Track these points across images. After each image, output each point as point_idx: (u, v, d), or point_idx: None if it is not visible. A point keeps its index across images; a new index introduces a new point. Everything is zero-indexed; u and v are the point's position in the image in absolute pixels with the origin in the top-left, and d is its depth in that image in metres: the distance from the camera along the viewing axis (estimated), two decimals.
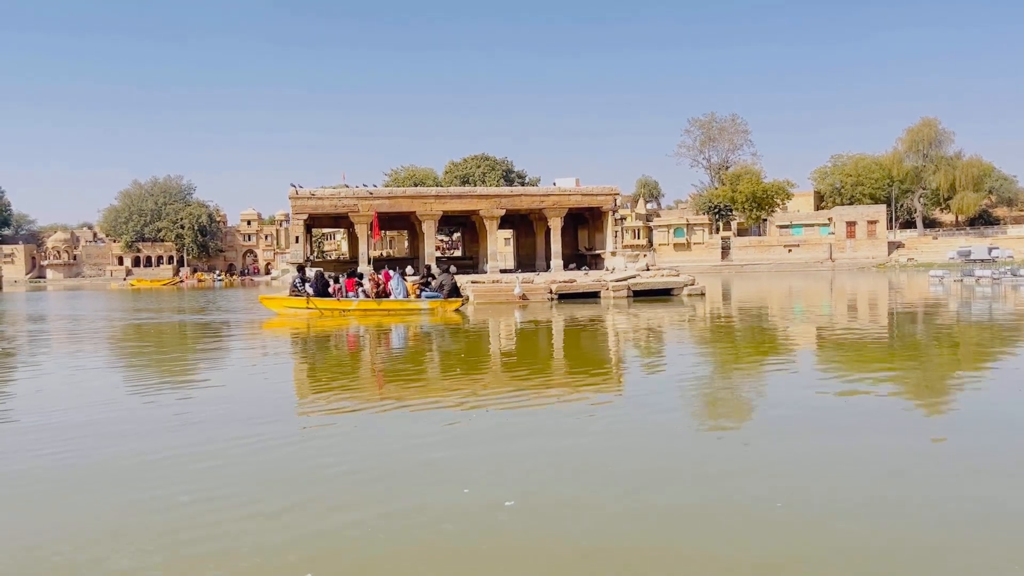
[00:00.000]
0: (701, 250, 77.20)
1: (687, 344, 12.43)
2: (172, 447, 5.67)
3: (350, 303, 19.72)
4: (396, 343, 13.83)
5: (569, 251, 31.20)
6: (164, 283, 77.87)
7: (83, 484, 4.87)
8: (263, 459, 5.35)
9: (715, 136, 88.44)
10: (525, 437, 5.86)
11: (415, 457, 5.32)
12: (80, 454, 5.57)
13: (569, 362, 10.75)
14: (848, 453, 5.23)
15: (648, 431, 6.04)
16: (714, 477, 4.73)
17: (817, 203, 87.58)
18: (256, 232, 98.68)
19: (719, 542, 3.74)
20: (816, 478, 4.68)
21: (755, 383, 8.15)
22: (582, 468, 4.95)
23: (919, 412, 6.89)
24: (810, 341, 12.81)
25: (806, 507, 4.21)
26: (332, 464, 5.13)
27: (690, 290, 23.99)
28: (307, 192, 27.21)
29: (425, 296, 20.26)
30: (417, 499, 4.36)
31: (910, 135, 79.77)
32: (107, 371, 9.70)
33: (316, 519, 4.06)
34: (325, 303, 19.62)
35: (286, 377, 9.38)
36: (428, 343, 13.46)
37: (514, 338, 14.18)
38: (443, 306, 19.73)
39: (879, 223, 74.80)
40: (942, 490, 4.53)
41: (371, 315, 19.03)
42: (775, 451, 5.40)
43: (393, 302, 20.05)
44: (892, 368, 9.45)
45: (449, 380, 8.96)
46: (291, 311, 19.66)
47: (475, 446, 5.62)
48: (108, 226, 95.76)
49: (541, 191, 29.47)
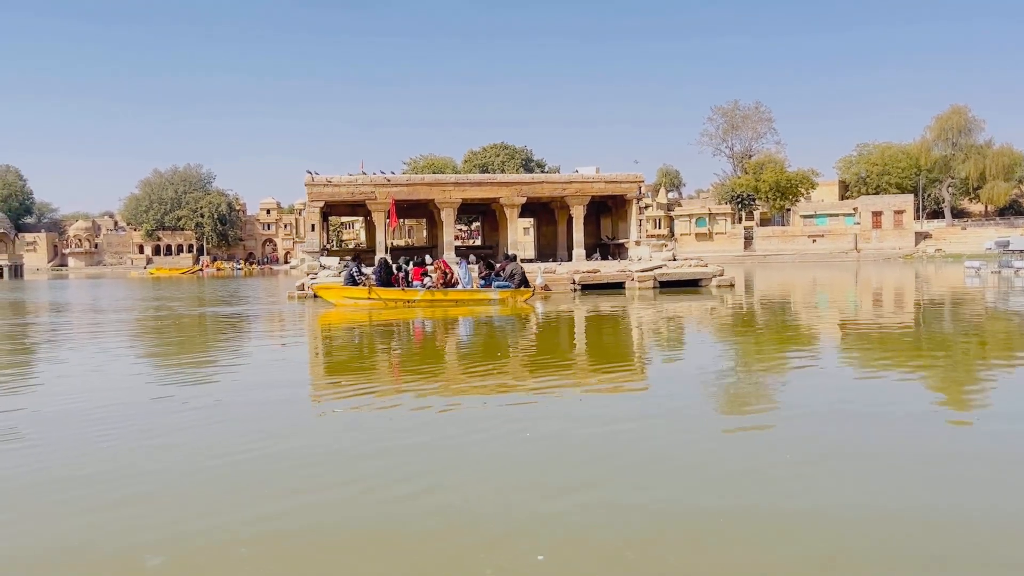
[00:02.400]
0: (723, 240, 76.18)
1: (746, 339, 11.67)
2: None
3: (416, 293, 18.35)
4: (503, 337, 12.61)
5: (591, 240, 30.46)
6: (183, 271, 78.00)
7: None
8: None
9: (738, 124, 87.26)
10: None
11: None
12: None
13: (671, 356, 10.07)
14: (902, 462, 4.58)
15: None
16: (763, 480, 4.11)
17: (842, 193, 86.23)
18: (275, 221, 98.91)
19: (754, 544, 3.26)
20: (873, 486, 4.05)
21: (823, 394, 7.45)
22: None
23: (966, 412, 6.18)
24: (853, 335, 12.05)
25: (850, 510, 3.72)
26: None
27: (719, 281, 23.20)
28: (323, 179, 26.66)
29: (496, 286, 18.96)
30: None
31: (939, 123, 78.12)
32: (180, 374, 8.94)
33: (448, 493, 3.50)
34: (389, 293, 18.35)
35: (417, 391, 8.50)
36: (529, 338, 12.34)
37: (604, 331, 13.25)
38: (514, 296, 18.57)
39: (906, 213, 73.43)
40: (972, 491, 3.99)
41: (438, 306, 17.84)
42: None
43: (462, 292, 18.78)
44: (943, 366, 8.70)
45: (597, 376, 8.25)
46: (350, 301, 18.38)
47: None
48: (129, 214, 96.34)
49: (563, 178, 28.70)
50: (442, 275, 19.17)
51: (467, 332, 13.46)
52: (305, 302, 20.88)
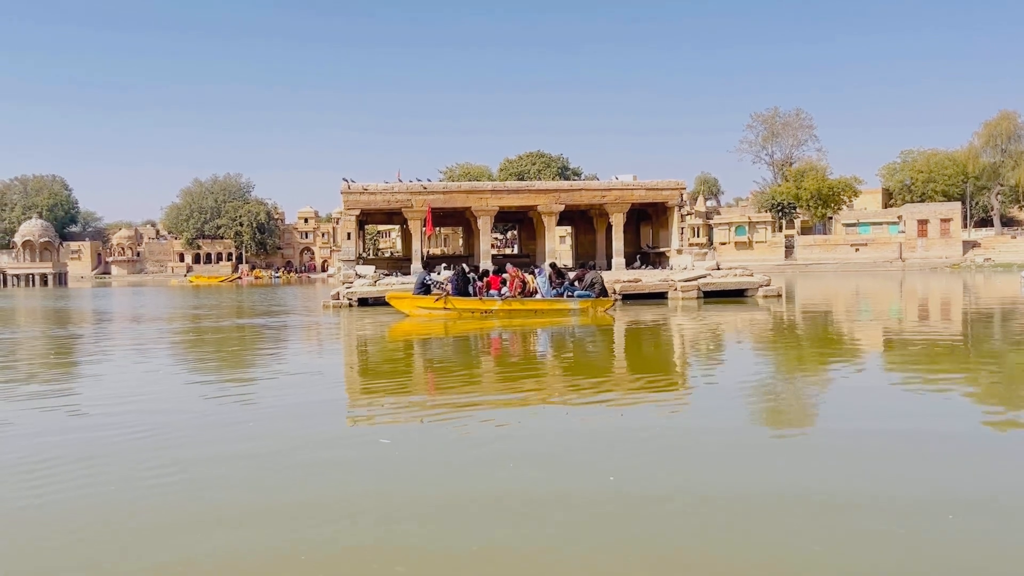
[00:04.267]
0: (764, 249, 74.73)
1: (825, 355, 10.99)
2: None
3: (494, 302, 17.58)
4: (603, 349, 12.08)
5: (631, 249, 29.83)
6: (221, 280, 78.75)
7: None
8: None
9: (778, 131, 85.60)
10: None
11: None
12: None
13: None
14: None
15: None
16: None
17: (885, 201, 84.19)
18: (313, 230, 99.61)
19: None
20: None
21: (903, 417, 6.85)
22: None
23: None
24: (909, 348, 11.33)
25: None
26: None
27: (765, 291, 22.38)
28: (359, 187, 26.45)
29: (577, 295, 18.10)
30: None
31: (987, 129, 75.94)
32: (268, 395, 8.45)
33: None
34: (465, 303, 17.61)
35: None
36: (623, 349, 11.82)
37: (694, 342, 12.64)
38: (594, 306, 17.74)
39: (953, 221, 71.36)
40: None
41: (516, 316, 17.08)
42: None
43: (541, 301, 17.94)
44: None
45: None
46: (424, 312, 17.67)
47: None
48: (170, 223, 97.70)
49: (602, 185, 28.12)
50: (520, 284, 18.35)
51: (568, 348, 12.47)
52: (340, 312, 20.55)
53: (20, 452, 5.46)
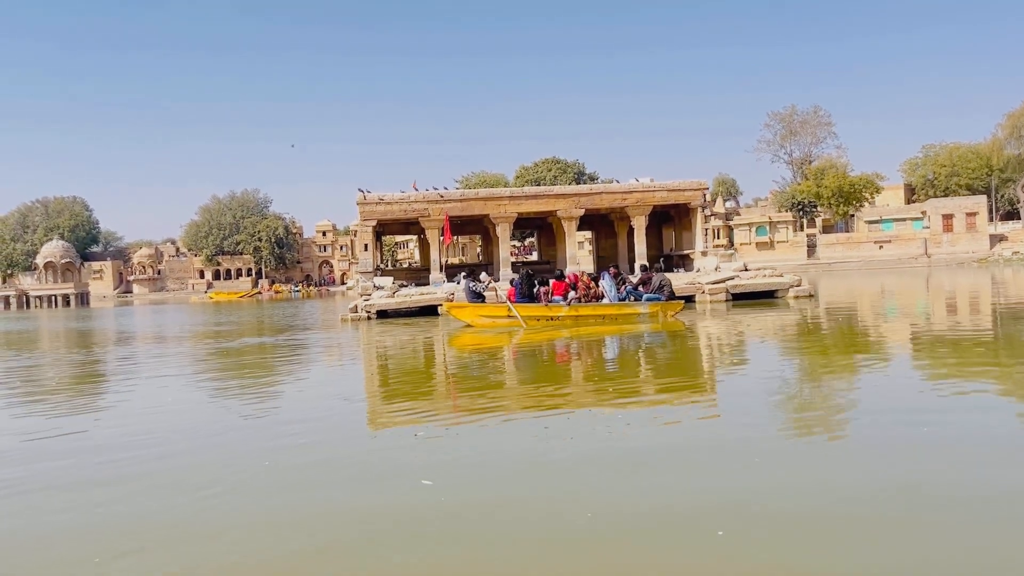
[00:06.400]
0: (785, 248, 73.68)
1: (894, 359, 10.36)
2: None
3: (560, 308, 16.66)
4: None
5: (653, 252, 29.24)
6: (241, 295, 78.88)
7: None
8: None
9: (796, 130, 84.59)
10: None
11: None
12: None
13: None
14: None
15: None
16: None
17: (908, 196, 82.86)
18: (331, 243, 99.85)
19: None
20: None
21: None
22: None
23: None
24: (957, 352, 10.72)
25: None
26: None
27: (796, 291, 21.65)
28: (375, 197, 26.11)
29: (646, 299, 17.13)
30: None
31: (1011, 120, 74.62)
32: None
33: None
34: (530, 309, 16.68)
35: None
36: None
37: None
38: (664, 310, 16.86)
39: (979, 215, 69.99)
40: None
41: (583, 323, 16.27)
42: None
43: (609, 307, 17.00)
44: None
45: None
46: (488, 321, 16.74)
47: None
48: (189, 241, 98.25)
49: (623, 188, 27.54)
50: (585, 288, 17.50)
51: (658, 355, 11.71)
52: (359, 326, 20.06)
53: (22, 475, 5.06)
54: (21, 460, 5.92)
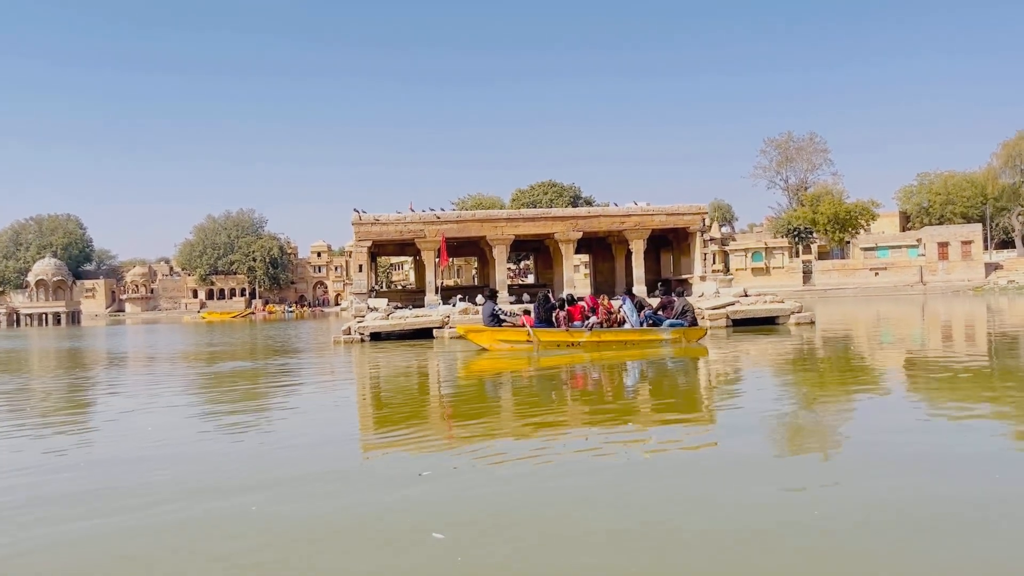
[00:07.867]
0: (781, 274, 73.67)
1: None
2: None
3: (582, 334, 16.22)
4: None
5: (651, 276, 28.96)
6: (234, 315, 78.23)
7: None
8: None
9: (792, 156, 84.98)
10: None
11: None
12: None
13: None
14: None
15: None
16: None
17: (903, 224, 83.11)
18: (326, 264, 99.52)
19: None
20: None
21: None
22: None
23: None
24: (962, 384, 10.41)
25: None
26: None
27: (798, 318, 21.33)
28: (371, 217, 25.81)
29: (669, 324, 16.76)
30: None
31: (1006, 149, 75.16)
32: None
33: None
34: (550, 335, 16.30)
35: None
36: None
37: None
38: (686, 336, 16.51)
39: (974, 243, 70.13)
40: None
41: (604, 347, 15.85)
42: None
43: (632, 332, 16.55)
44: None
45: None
46: (506, 345, 16.34)
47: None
48: (183, 260, 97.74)
49: (621, 211, 27.30)
50: (606, 312, 17.09)
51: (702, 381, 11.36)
52: (352, 348, 19.58)
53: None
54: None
